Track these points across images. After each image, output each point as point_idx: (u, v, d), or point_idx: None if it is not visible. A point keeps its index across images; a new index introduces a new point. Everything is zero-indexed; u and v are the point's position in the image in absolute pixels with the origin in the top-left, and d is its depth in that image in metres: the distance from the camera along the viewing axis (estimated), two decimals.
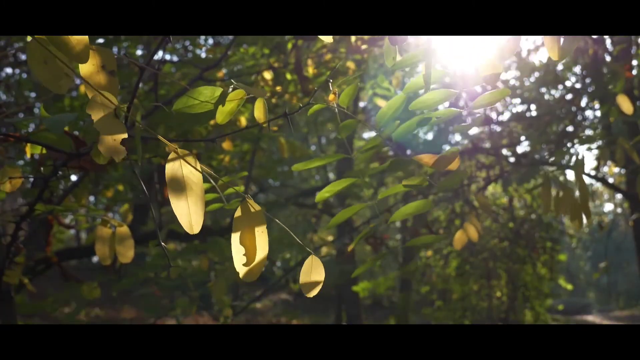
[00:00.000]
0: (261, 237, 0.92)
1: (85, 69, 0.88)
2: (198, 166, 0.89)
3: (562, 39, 0.98)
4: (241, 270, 0.90)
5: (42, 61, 0.86)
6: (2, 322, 1.51)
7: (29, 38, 0.85)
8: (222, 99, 0.96)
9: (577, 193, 1.81)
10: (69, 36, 0.82)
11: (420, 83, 1.08)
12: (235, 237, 0.90)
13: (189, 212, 0.87)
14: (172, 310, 3.34)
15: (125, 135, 0.84)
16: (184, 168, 0.89)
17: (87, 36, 0.83)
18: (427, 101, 1.10)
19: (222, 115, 1.03)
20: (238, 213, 0.92)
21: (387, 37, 1.04)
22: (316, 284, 0.98)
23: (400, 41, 1.01)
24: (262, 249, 0.92)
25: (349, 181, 1.19)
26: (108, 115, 0.85)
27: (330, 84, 1.07)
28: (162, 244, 0.95)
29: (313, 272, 0.98)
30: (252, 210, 0.93)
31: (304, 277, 0.97)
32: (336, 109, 1.09)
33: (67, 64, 0.87)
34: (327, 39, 0.96)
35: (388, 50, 1.07)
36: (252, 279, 0.91)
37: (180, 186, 0.87)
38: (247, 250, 0.90)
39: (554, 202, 1.83)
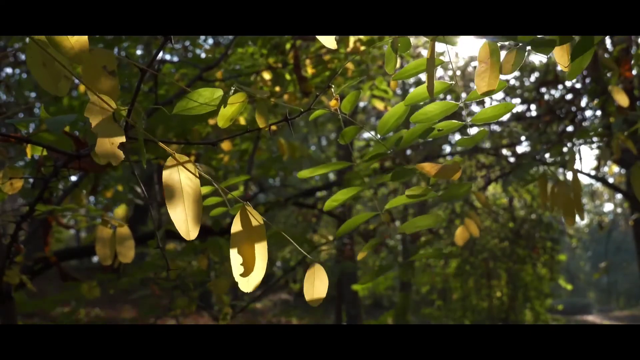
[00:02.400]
0: (260, 245, 0.89)
1: (85, 70, 0.87)
2: (196, 172, 0.87)
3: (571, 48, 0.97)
4: (240, 280, 0.87)
5: (41, 64, 0.85)
6: (2, 322, 1.51)
7: (28, 39, 0.84)
8: (223, 102, 0.95)
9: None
10: (67, 37, 0.82)
11: (423, 94, 1.05)
12: (233, 246, 0.88)
13: (185, 219, 0.85)
14: (172, 311, 3.34)
15: (124, 139, 0.83)
16: (181, 174, 0.86)
17: (86, 37, 0.83)
18: (429, 113, 1.08)
19: (223, 119, 1.02)
20: (236, 221, 0.89)
21: (389, 44, 1.03)
22: (320, 293, 0.95)
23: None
24: (261, 258, 0.89)
25: (355, 190, 1.19)
26: (106, 118, 0.84)
27: (332, 90, 1.06)
28: (160, 246, 0.94)
29: (316, 280, 0.95)
30: (251, 217, 0.89)
31: (307, 287, 0.95)
32: (339, 115, 1.09)
33: (66, 66, 0.87)
34: (331, 44, 0.95)
35: (389, 56, 1.06)
36: (250, 289, 0.88)
37: (176, 192, 0.85)
38: (246, 260, 0.88)
39: (550, 197, 1.83)
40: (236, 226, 0.89)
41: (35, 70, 0.86)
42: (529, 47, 0.95)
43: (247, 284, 0.88)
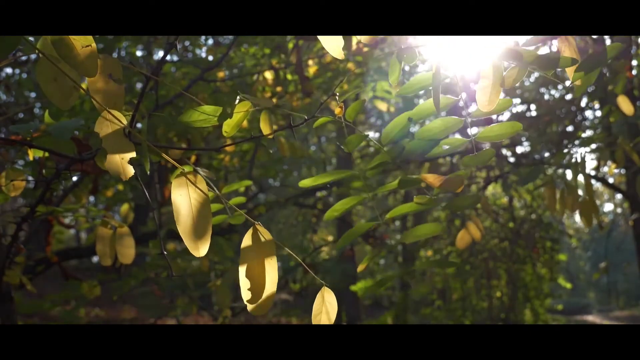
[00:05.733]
0: (271, 267, 0.86)
1: (92, 80, 0.86)
2: (206, 189, 0.85)
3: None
4: (249, 304, 0.84)
5: (52, 79, 0.84)
6: (2, 322, 1.51)
7: (40, 55, 0.83)
8: (229, 114, 0.94)
9: (581, 192, 1.82)
10: (79, 50, 0.80)
11: (429, 109, 1.05)
12: (242, 269, 0.84)
13: (195, 236, 0.83)
14: (172, 310, 3.34)
15: (134, 154, 0.81)
16: (190, 191, 0.84)
17: (95, 49, 0.82)
18: (434, 129, 1.07)
19: (229, 127, 1.00)
20: (246, 243, 0.86)
21: (395, 54, 1.02)
22: (329, 316, 0.93)
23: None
24: (271, 281, 0.86)
25: (356, 199, 1.19)
26: (116, 133, 0.82)
27: (337, 97, 1.06)
28: (164, 252, 0.93)
29: (325, 305, 0.93)
30: (262, 239, 0.86)
31: (316, 314, 0.92)
32: (343, 123, 1.09)
33: (74, 79, 0.85)
34: (338, 54, 0.94)
35: (393, 66, 1.05)
36: (261, 313, 0.85)
37: (185, 210, 0.83)
38: (256, 283, 0.85)
39: (559, 200, 1.83)
40: (246, 249, 0.86)
41: (45, 86, 0.84)
42: (532, 66, 0.94)
43: (258, 309, 0.85)
